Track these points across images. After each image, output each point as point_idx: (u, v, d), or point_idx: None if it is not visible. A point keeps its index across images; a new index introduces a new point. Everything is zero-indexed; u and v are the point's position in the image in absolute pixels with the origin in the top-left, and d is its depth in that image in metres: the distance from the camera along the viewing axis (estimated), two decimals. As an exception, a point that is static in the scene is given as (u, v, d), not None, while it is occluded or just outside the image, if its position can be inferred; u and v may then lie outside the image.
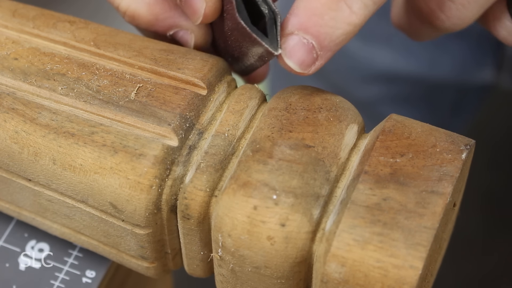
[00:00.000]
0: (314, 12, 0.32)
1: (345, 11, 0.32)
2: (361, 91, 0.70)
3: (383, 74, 0.69)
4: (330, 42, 0.32)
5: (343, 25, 0.32)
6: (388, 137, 0.32)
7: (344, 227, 0.30)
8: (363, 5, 0.32)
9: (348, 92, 0.67)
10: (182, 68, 0.35)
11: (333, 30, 0.32)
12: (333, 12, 0.32)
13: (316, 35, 0.32)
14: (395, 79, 0.70)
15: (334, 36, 0.32)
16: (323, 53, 0.33)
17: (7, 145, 0.34)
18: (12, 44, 0.36)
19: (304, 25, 0.32)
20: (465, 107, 0.75)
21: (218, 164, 0.33)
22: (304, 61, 0.33)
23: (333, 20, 0.32)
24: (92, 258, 0.40)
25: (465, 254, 1.03)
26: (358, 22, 0.32)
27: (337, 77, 0.72)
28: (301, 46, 0.32)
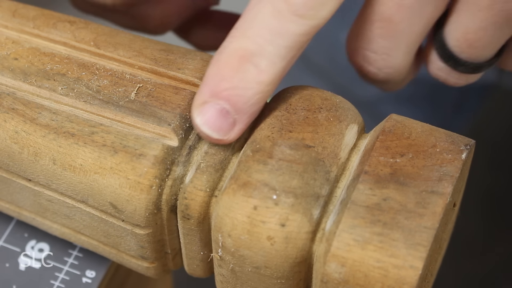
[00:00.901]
0: (223, 77, 0.32)
1: (252, 71, 0.32)
2: (363, 90, 0.70)
3: None
4: (244, 104, 0.32)
5: (253, 84, 0.32)
6: (388, 137, 0.32)
7: (344, 227, 0.30)
8: (270, 63, 0.32)
9: (351, 91, 0.67)
10: (182, 68, 0.35)
11: (244, 91, 0.32)
12: (241, 74, 0.32)
13: (228, 99, 0.32)
14: None
15: (246, 97, 0.32)
16: (240, 117, 0.32)
17: (7, 145, 0.34)
18: (12, 44, 0.36)
19: (214, 91, 0.32)
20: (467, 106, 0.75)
21: (218, 164, 0.33)
22: (221, 128, 0.32)
23: (242, 81, 0.32)
24: (92, 258, 0.40)
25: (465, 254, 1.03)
26: (268, 80, 0.32)
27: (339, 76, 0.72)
28: (215, 113, 0.32)
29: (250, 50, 0.32)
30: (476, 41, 0.34)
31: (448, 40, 0.35)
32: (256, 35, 0.32)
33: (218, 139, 0.33)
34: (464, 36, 0.34)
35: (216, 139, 0.33)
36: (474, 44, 0.34)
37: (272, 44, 0.32)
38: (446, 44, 0.35)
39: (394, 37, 0.35)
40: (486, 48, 0.35)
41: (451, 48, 0.35)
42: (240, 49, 0.32)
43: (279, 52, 0.32)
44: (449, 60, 0.36)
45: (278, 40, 0.32)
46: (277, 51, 0.32)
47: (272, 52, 0.32)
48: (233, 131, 0.33)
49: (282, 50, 0.32)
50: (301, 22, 0.32)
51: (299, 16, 0.32)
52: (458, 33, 0.34)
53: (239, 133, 0.33)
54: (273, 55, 0.32)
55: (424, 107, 0.73)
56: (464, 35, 0.34)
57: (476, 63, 0.36)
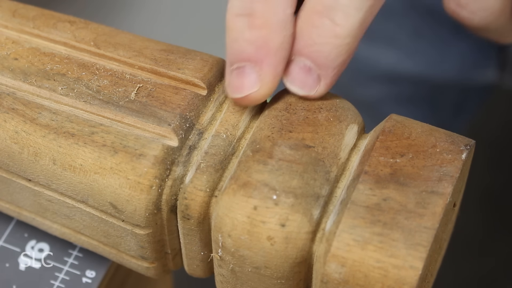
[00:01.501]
0: (303, 34, 0.32)
1: (329, 25, 0.32)
2: (364, 91, 0.70)
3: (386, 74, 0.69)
4: (325, 59, 0.32)
5: (330, 39, 0.32)
6: (388, 137, 0.32)
7: (344, 227, 0.30)
8: (346, 15, 0.32)
9: (351, 92, 0.68)
10: (182, 68, 0.35)
11: (323, 47, 0.32)
12: (317, 29, 0.32)
13: (309, 55, 0.32)
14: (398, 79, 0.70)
15: (326, 52, 0.32)
16: (323, 72, 0.32)
17: (7, 145, 0.34)
18: (12, 44, 0.36)
19: (297, 49, 0.32)
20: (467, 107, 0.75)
21: (218, 164, 0.33)
22: (306, 84, 0.33)
23: (319, 37, 0.32)
24: (92, 258, 0.40)
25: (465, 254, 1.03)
26: (344, 33, 0.32)
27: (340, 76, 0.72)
28: (299, 70, 0.33)
29: (325, 4, 0.32)
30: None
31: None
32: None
33: (305, 94, 0.33)
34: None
35: (303, 94, 0.33)
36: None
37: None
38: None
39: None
40: None
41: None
42: (316, 4, 0.32)
43: (353, 4, 0.32)
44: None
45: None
46: (351, 2, 0.31)
47: (346, 4, 0.31)
48: (319, 86, 0.33)
49: (356, 1, 0.32)
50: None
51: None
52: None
53: (326, 88, 0.33)
54: (348, 7, 0.31)
55: (424, 107, 0.73)
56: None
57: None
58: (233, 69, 0.33)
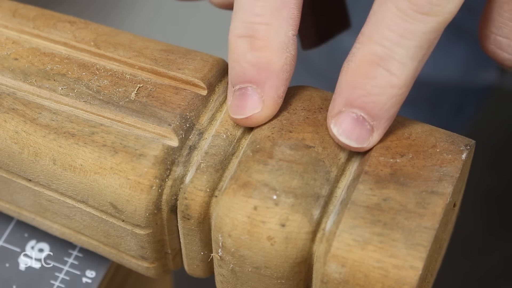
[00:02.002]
0: (355, 85, 0.31)
1: (384, 75, 0.31)
2: None
3: None
4: (380, 110, 0.32)
5: (386, 89, 0.31)
6: (388, 137, 0.32)
7: (344, 227, 0.30)
8: (401, 65, 0.31)
9: None
10: (182, 68, 0.35)
11: (378, 97, 0.31)
12: (372, 80, 0.31)
13: (363, 106, 0.32)
14: None
15: (381, 103, 0.31)
16: (377, 123, 0.32)
17: (7, 145, 0.34)
18: (12, 44, 0.36)
19: (349, 100, 0.32)
20: (468, 108, 0.75)
21: (218, 164, 0.33)
22: (359, 136, 0.32)
23: (375, 87, 0.31)
24: (92, 258, 0.40)
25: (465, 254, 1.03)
26: (400, 83, 0.31)
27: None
28: (352, 121, 0.32)
29: (379, 54, 0.31)
30: None
31: None
32: (383, 38, 0.31)
33: (358, 147, 0.32)
34: None
35: (355, 147, 0.32)
36: None
37: (400, 46, 0.31)
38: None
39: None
40: None
41: None
42: (368, 54, 0.31)
43: (408, 53, 0.31)
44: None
45: (406, 41, 0.31)
46: (406, 52, 0.31)
47: (402, 54, 0.31)
48: (372, 138, 0.32)
49: (411, 50, 0.31)
50: (427, 20, 0.31)
51: (425, 14, 0.31)
52: None
53: (378, 139, 0.32)
54: (403, 57, 0.31)
55: (425, 108, 0.73)
56: None
57: None
58: (235, 90, 0.33)
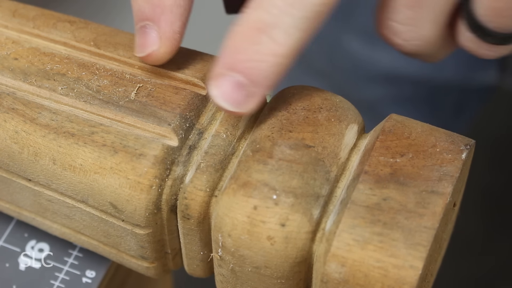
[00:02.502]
0: (239, 50, 0.31)
1: (268, 43, 0.31)
2: (363, 92, 0.70)
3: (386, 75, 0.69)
4: (260, 76, 0.31)
5: (268, 57, 0.31)
6: (388, 137, 0.32)
7: (344, 227, 0.30)
8: (286, 35, 0.31)
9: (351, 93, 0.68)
10: (182, 68, 0.35)
11: (260, 64, 0.31)
12: (256, 46, 0.31)
13: (243, 71, 0.31)
14: (398, 79, 0.70)
15: (262, 70, 0.31)
16: (256, 90, 0.32)
17: (7, 145, 0.34)
18: (12, 44, 0.36)
19: (230, 64, 0.32)
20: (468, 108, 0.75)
21: (218, 164, 0.33)
22: (236, 100, 0.32)
23: (257, 54, 0.31)
24: (92, 258, 0.40)
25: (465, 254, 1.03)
26: (284, 52, 0.31)
27: (339, 77, 0.72)
28: (231, 85, 0.32)
29: (266, 21, 0.31)
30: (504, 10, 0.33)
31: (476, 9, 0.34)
32: (272, 5, 0.31)
33: (234, 111, 0.32)
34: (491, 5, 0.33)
35: (231, 111, 0.32)
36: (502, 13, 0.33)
37: (287, 15, 0.31)
38: (473, 14, 0.34)
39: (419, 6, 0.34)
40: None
41: (479, 17, 0.34)
42: (255, 20, 0.31)
43: (295, 23, 0.31)
44: (477, 30, 0.34)
45: (294, 10, 0.31)
46: (293, 21, 0.31)
47: (288, 23, 0.31)
48: (249, 103, 0.32)
49: (298, 20, 0.31)
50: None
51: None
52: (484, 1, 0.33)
53: (256, 106, 0.32)
54: (289, 26, 0.31)
55: (424, 108, 0.73)
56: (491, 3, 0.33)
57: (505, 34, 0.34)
58: (137, 29, 0.34)
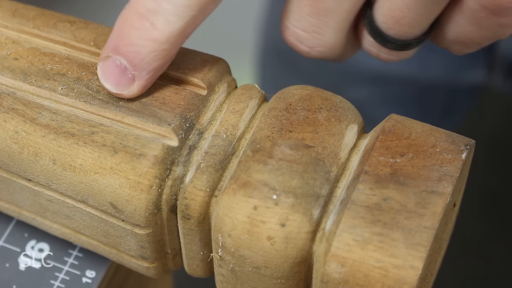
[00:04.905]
0: (123, 33, 0.33)
1: (148, 28, 0.32)
2: (350, 93, 0.70)
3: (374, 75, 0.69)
4: (140, 61, 0.33)
5: (148, 42, 0.32)
6: (388, 137, 0.32)
7: (344, 227, 0.30)
8: (166, 21, 0.32)
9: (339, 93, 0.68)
10: (182, 68, 0.35)
11: (140, 49, 0.32)
12: (137, 31, 0.32)
13: (125, 55, 0.33)
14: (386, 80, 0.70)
15: (142, 54, 0.32)
16: (138, 73, 0.33)
17: (7, 145, 0.34)
18: (12, 44, 0.36)
19: (115, 46, 0.33)
20: (456, 108, 0.75)
21: (218, 164, 0.33)
22: (119, 82, 0.33)
23: (138, 38, 0.32)
24: (92, 258, 0.40)
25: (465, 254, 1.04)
26: (162, 38, 0.32)
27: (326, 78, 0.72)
28: (115, 67, 0.33)
29: (148, 7, 0.32)
30: (402, 19, 0.34)
31: (376, 17, 0.35)
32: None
33: (118, 93, 0.33)
34: (390, 13, 0.34)
35: (115, 93, 0.33)
36: (400, 21, 0.34)
37: (168, 2, 0.32)
38: (374, 21, 0.35)
39: (322, 15, 0.34)
40: (412, 25, 0.34)
41: (379, 24, 0.35)
42: (139, 6, 0.32)
43: (175, 11, 0.32)
44: (377, 36, 0.35)
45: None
46: (174, 9, 0.32)
47: (169, 10, 0.32)
48: (132, 87, 0.33)
49: (179, 8, 0.32)
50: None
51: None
52: (384, 10, 0.34)
53: (140, 89, 0.33)
54: (169, 13, 0.32)
55: (413, 109, 0.73)
56: (390, 12, 0.34)
57: (403, 40, 0.35)
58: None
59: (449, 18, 0.35)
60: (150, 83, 0.33)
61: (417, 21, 0.34)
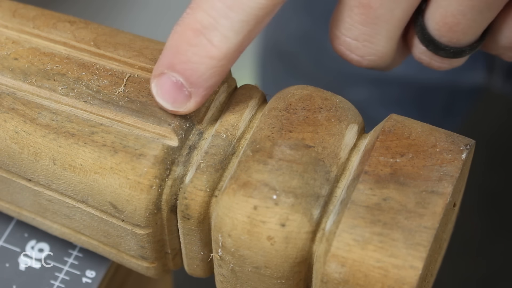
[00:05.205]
0: (178, 50, 0.32)
1: (206, 45, 0.32)
2: (351, 93, 0.70)
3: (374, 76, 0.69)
4: (198, 78, 0.32)
5: (205, 59, 0.32)
6: (388, 137, 0.32)
7: (344, 227, 0.30)
8: (224, 38, 0.31)
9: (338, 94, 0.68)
10: (182, 68, 0.35)
11: (197, 66, 0.32)
12: (194, 48, 0.32)
13: (182, 72, 0.32)
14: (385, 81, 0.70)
15: (200, 72, 0.32)
16: (195, 90, 0.32)
17: (7, 145, 0.34)
18: (12, 44, 0.36)
19: (170, 63, 0.32)
20: (456, 109, 0.75)
21: (218, 164, 0.33)
22: (176, 99, 0.33)
23: (195, 55, 0.32)
24: (92, 258, 0.40)
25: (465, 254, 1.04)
26: (220, 55, 0.32)
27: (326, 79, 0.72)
28: (171, 85, 0.33)
29: (204, 23, 0.31)
30: (455, 25, 0.34)
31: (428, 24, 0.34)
32: (211, 7, 0.31)
33: (174, 110, 0.33)
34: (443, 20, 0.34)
35: (171, 110, 0.33)
36: (454, 28, 0.34)
37: (225, 18, 0.31)
38: (426, 28, 0.35)
39: (373, 23, 0.34)
40: (466, 32, 0.34)
41: (431, 32, 0.35)
42: (194, 22, 0.32)
43: (232, 26, 0.31)
44: (430, 44, 0.35)
45: (232, 13, 0.31)
46: (231, 25, 0.31)
47: (226, 26, 0.31)
48: (189, 104, 0.33)
49: (236, 24, 0.31)
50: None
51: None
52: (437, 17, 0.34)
53: (195, 106, 0.33)
54: (227, 29, 0.31)
55: (413, 109, 0.73)
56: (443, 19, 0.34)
57: (457, 48, 0.35)
58: None
59: (503, 24, 0.35)
60: (206, 99, 0.33)
61: (471, 27, 0.34)
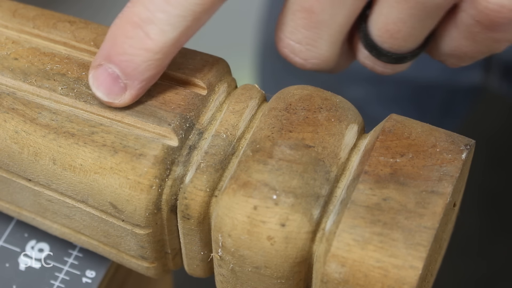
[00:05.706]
0: (116, 42, 0.32)
1: (142, 38, 0.32)
2: (348, 92, 0.70)
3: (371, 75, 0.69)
4: (133, 70, 0.32)
5: (141, 51, 0.32)
6: (388, 137, 0.32)
7: (344, 227, 0.30)
8: (160, 31, 0.32)
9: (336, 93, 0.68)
10: (182, 68, 0.35)
11: (133, 58, 0.32)
12: (130, 40, 0.32)
13: (118, 64, 0.33)
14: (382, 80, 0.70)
15: (135, 63, 0.32)
16: (130, 83, 0.33)
17: (7, 145, 0.34)
18: (12, 44, 0.36)
19: (107, 55, 0.33)
20: (453, 109, 0.75)
21: (218, 164, 0.33)
22: (112, 91, 0.33)
23: (131, 47, 0.32)
24: (92, 258, 0.40)
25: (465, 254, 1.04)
26: (156, 48, 0.32)
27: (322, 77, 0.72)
28: (107, 76, 0.33)
29: (141, 16, 0.32)
30: (396, 33, 0.34)
31: (371, 30, 0.35)
32: (150, 2, 0.32)
33: (109, 101, 0.33)
34: (385, 27, 0.34)
35: (107, 101, 0.33)
36: (395, 35, 0.34)
37: (163, 12, 0.32)
38: (369, 34, 0.35)
39: (316, 27, 0.34)
40: (407, 39, 0.34)
41: (374, 38, 0.35)
42: (133, 15, 0.32)
43: (169, 20, 0.32)
44: (373, 49, 0.35)
45: (169, 8, 0.32)
46: (168, 19, 0.32)
47: (163, 19, 0.32)
48: (124, 96, 0.33)
49: (173, 18, 0.32)
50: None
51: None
52: (379, 24, 0.34)
53: (131, 99, 0.33)
54: (164, 23, 0.32)
55: (410, 109, 0.73)
56: (384, 26, 0.34)
57: (398, 54, 0.35)
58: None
59: (444, 32, 0.35)
60: (142, 92, 0.33)
61: (412, 35, 0.34)
